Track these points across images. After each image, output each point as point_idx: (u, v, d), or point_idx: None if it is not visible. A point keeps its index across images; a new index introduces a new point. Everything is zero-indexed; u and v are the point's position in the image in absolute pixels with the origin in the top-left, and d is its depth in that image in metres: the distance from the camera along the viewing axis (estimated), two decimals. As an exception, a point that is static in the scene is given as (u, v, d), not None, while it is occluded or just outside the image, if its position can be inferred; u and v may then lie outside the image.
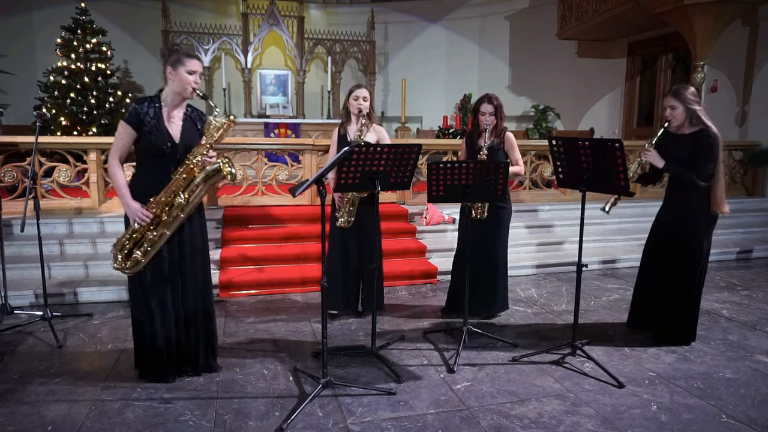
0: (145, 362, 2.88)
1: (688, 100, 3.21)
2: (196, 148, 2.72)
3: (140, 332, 2.84)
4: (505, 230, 3.83)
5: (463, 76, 10.96)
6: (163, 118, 2.72)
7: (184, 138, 2.75)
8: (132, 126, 2.68)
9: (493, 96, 3.69)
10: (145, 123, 2.67)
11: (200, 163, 2.70)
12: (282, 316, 3.97)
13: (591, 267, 5.29)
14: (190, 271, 2.86)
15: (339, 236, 3.77)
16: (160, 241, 2.73)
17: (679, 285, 3.37)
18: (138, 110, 2.68)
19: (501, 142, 3.76)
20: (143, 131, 2.68)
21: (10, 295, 3.91)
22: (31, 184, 3.56)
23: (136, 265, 2.74)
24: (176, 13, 10.25)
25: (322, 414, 2.58)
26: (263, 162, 5.72)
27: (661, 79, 8.97)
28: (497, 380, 2.97)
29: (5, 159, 5.06)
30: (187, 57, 2.71)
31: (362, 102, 3.66)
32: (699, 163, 3.18)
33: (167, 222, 2.71)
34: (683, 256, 3.35)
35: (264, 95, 10.83)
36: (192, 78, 2.70)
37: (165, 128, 2.71)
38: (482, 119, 3.67)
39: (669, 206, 3.45)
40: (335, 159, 2.71)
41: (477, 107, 3.73)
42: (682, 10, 6.73)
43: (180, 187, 2.70)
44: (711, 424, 2.53)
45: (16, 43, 9.57)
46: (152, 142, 2.68)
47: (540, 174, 6.51)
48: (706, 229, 3.35)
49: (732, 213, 6.59)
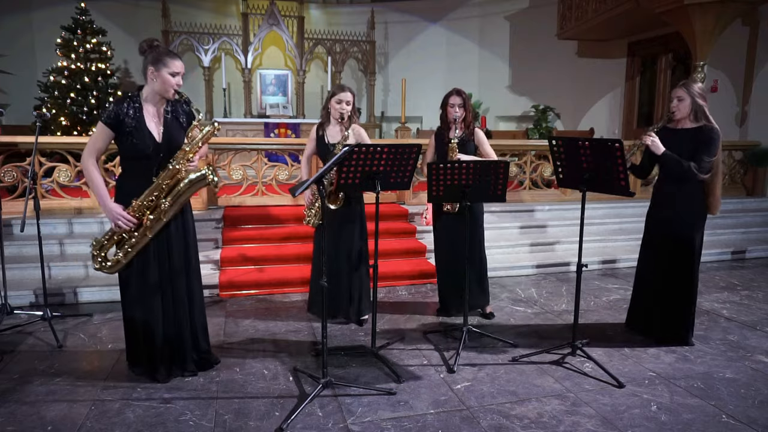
0: (137, 359, 2.90)
1: (697, 94, 3.25)
2: (180, 152, 2.68)
3: (132, 329, 2.84)
4: (480, 224, 3.85)
5: (463, 76, 10.95)
6: (144, 118, 2.66)
7: (167, 136, 2.71)
8: (111, 127, 2.63)
9: (461, 89, 3.77)
10: (125, 124, 2.62)
11: (183, 169, 2.67)
12: (282, 316, 3.97)
13: (591, 267, 5.29)
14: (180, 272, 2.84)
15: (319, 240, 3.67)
16: (141, 243, 2.71)
17: (676, 283, 3.39)
18: (117, 111, 2.62)
19: (471, 135, 3.79)
20: (123, 132, 2.63)
21: (10, 295, 3.91)
22: (31, 184, 3.57)
23: (116, 265, 2.74)
24: (176, 13, 10.25)
25: (322, 414, 2.58)
26: (263, 162, 5.72)
27: (661, 80, 8.97)
28: (497, 380, 2.97)
29: (5, 159, 5.06)
30: (170, 58, 2.65)
31: (345, 106, 3.53)
32: (699, 155, 3.19)
33: (149, 226, 2.69)
34: (678, 254, 3.37)
35: (264, 95, 10.83)
36: (174, 80, 2.65)
37: (146, 129, 2.65)
38: (451, 111, 3.71)
39: (659, 204, 3.46)
40: (335, 159, 2.71)
41: (446, 100, 3.77)
42: (682, 10, 6.73)
43: (162, 192, 2.67)
44: (711, 424, 2.53)
45: (16, 43, 9.57)
46: (134, 144, 2.63)
47: (540, 174, 6.52)
48: (699, 226, 3.36)
49: (732, 213, 6.65)
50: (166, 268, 2.80)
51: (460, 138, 3.73)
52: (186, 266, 2.87)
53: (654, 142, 3.27)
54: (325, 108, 3.67)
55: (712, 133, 3.20)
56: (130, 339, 2.89)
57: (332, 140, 3.63)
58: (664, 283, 3.42)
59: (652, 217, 3.51)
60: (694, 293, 3.42)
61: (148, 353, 2.84)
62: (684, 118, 3.31)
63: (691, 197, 3.31)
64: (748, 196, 7.19)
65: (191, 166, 2.72)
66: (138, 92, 2.74)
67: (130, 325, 2.85)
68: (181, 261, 2.84)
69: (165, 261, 2.79)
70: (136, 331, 2.83)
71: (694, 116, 3.27)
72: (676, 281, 3.38)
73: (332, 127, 3.67)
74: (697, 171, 3.20)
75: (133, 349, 2.90)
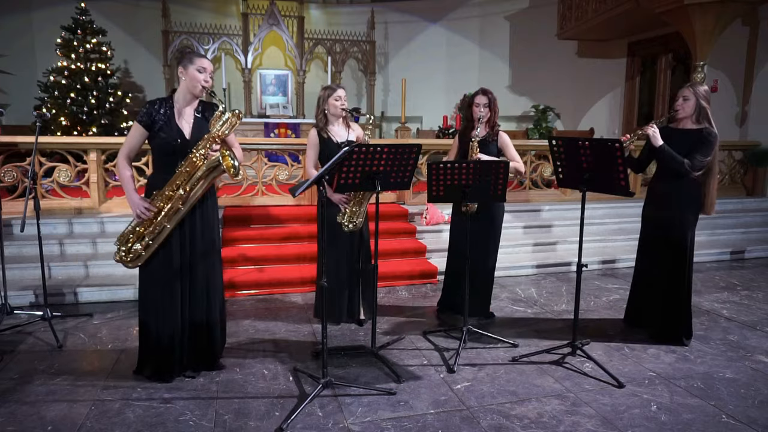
0: (147, 361, 2.90)
1: (702, 96, 3.33)
2: (201, 141, 2.74)
3: (146, 330, 2.85)
4: (498, 229, 3.79)
5: (463, 76, 10.95)
6: (175, 115, 2.78)
7: (195, 134, 2.79)
8: (143, 125, 2.76)
9: (488, 90, 3.73)
10: (156, 121, 2.75)
11: (203, 156, 2.72)
12: (282, 316, 3.97)
13: (591, 267, 5.29)
14: (201, 267, 2.87)
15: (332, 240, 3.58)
16: (161, 234, 2.74)
17: (668, 282, 3.44)
18: (150, 110, 2.76)
19: (494, 136, 3.76)
20: (154, 129, 2.75)
21: (10, 295, 3.91)
22: (31, 184, 3.57)
23: (137, 258, 2.77)
24: (176, 13, 10.25)
25: (322, 414, 2.58)
26: (263, 162, 5.72)
27: (661, 80, 8.97)
28: (497, 380, 2.97)
29: (5, 159, 5.07)
30: (196, 56, 2.80)
31: (344, 102, 3.60)
32: (694, 154, 3.27)
33: (168, 215, 2.72)
34: (669, 251, 3.42)
35: (264, 95, 10.83)
36: (202, 76, 2.76)
37: (176, 125, 2.77)
38: (476, 110, 3.68)
39: (652, 202, 3.52)
40: (335, 159, 2.71)
41: (471, 99, 3.75)
42: (682, 10, 6.72)
43: (183, 180, 2.72)
44: (711, 424, 2.53)
45: (16, 43, 9.57)
46: (163, 138, 2.74)
47: (540, 174, 6.52)
48: (690, 224, 3.41)
49: (732, 213, 6.65)
50: (186, 261, 2.83)
51: (482, 138, 3.70)
52: (207, 262, 2.90)
53: (655, 133, 3.34)
54: (322, 110, 3.62)
55: (710, 136, 3.28)
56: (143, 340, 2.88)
57: (340, 139, 3.60)
58: (657, 281, 3.49)
59: (645, 215, 3.59)
60: (688, 292, 3.45)
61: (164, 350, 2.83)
62: (687, 118, 3.37)
63: (684, 195, 3.37)
64: (748, 196, 7.19)
65: (212, 153, 2.74)
66: (172, 94, 2.85)
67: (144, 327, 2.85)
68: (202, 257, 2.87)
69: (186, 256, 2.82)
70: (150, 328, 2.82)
71: (696, 117, 3.35)
72: (668, 279, 3.43)
73: (334, 127, 3.65)
74: (689, 168, 3.27)
75: (144, 352, 2.90)
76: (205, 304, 2.91)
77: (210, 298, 2.93)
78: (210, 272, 2.93)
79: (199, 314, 2.90)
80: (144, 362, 2.92)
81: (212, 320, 2.95)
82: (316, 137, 3.64)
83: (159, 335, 2.81)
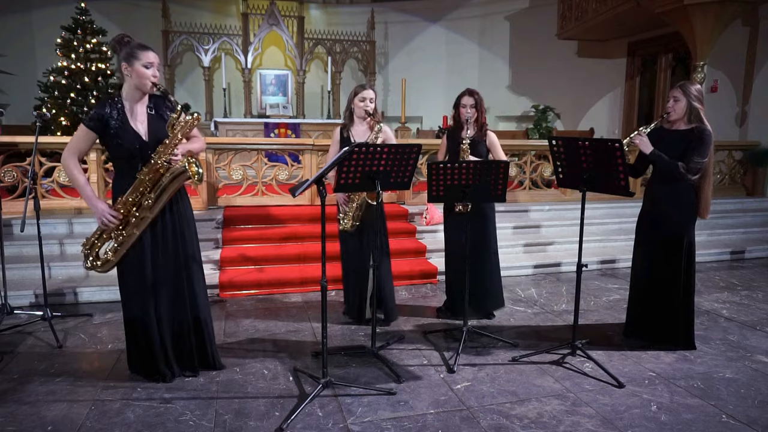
0: (134, 360, 2.91)
1: (693, 96, 3.23)
2: (162, 147, 2.64)
3: (129, 330, 2.84)
4: (492, 225, 3.83)
5: (463, 76, 10.95)
6: (128, 118, 2.65)
7: (152, 134, 2.68)
8: (94, 131, 2.62)
9: (474, 90, 3.78)
10: (110, 126, 2.61)
11: (166, 163, 2.64)
12: (282, 316, 3.97)
13: (591, 267, 5.29)
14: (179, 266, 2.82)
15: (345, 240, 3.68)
16: (129, 240, 2.70)
17: (668, 286, 3.34)
18: (102, 114, 2.61)
19: (483, 136, 3.78)
20: (108, 134, 2.62)
21: (10, 295, 3.91)
22: (31, 184, 3.57)
23: (106, 264, 2.75)
24: (176, 13, 10.26)
25: (322, 414, 2.58)
26: (263, 162, 5.72)
27: (661, 79, 8.98)
28: (497, 380, 2.97)
29: (5, 159, 5.07)
30: (140, 50, 2.59)
31: (369, 104, 3.55)
32: (690, 155, 3.18)
33: (136, 222, 2.68)
34: (667, 255, 3.33)
35: (264, 95, 10.84)
36: (150, 72, 2.60)
37: (131, 128, 2.64)
38: (463, 111, 3.72)
39: (649, 205, 3.44)
40: (335, 159, 2.71)
41: (458, 101, 3.78)
42: (682, 10, 6.73)
43: (147, 188, 2.66)
44: (711, 424, 2.53)
45: (16, 43, 9.58)
46: (120, 145, 2.63)
47: (540, 174, 6.52)
48: (688, 227, 3.32)
49: (731, 213, 6.65)
50: (161, 263, 2.77)
51: (472, 139, 3.72)
52: (185, 261, 2.84)
53: (642, 140, 3.28)
54: (348, 108, 3.65)
55: (704, 134, 3.17)
56: (130, 338, 2.88)
57: (359, 140, 3.59)
58: (657, 286, 3.38)
59: (642, 218, 3.49)
60: (691, 296, 3.36)
61: (149, 352, 2.83)
62: (679, 119, 3.29)
63: (681, 198, 3.28)
64: (748, 196, 7.19)
65: (175, 159, 2.67)
66: (119, 92, 2.72)
67: (129, 324, 2.84)
68: (179, 256, 2.81)
69: (159, 256, 2.77)
70: (135, 329, 2.82)
71: (688, 118, 3.26)
72: (669, 283, 3.34)
73: (357, 127, 3.65)
74: (685, 171, 3.18)
75: (133, 349, 2.90)
76: (188, 302, 2.86)
77: (193, 296, 2.88)
78: (191, 270, 2.87)
79: (182, 313, 2.85)
80: (133, 361, 2.92)
81: (198, 318, 2.91)
82: (339, 135, 3.69)
83: (140, 334, 2.80)
